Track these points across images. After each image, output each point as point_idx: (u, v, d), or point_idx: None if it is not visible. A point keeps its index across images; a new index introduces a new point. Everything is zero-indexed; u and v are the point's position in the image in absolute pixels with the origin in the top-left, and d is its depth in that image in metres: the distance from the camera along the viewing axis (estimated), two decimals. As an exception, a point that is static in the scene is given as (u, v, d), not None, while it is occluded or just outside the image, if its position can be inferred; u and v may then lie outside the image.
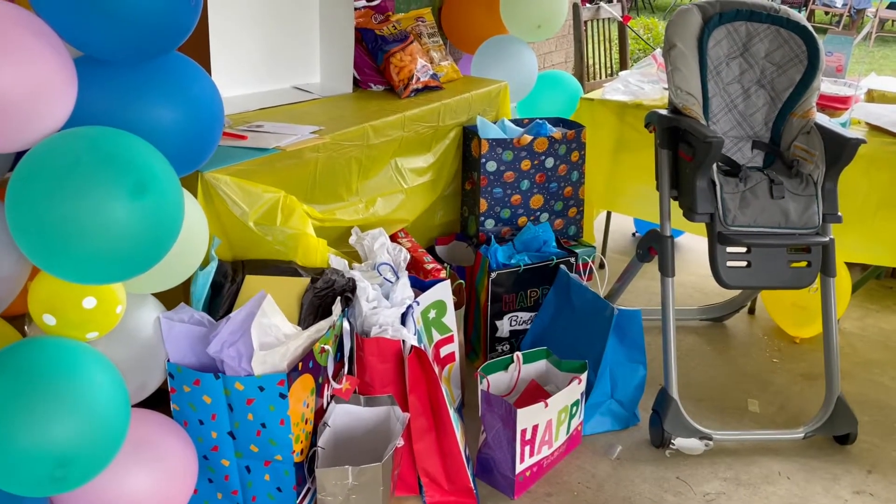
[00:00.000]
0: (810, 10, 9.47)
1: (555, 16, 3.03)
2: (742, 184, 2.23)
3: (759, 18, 2.34)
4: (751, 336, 2.82)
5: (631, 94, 3.04)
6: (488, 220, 2.64)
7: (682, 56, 2.31)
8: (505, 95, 2.86)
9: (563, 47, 4.19)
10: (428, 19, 2.83)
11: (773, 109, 2.38)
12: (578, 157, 2.72)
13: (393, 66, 2.55)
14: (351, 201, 2.25)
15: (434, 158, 2.57)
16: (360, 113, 2.38)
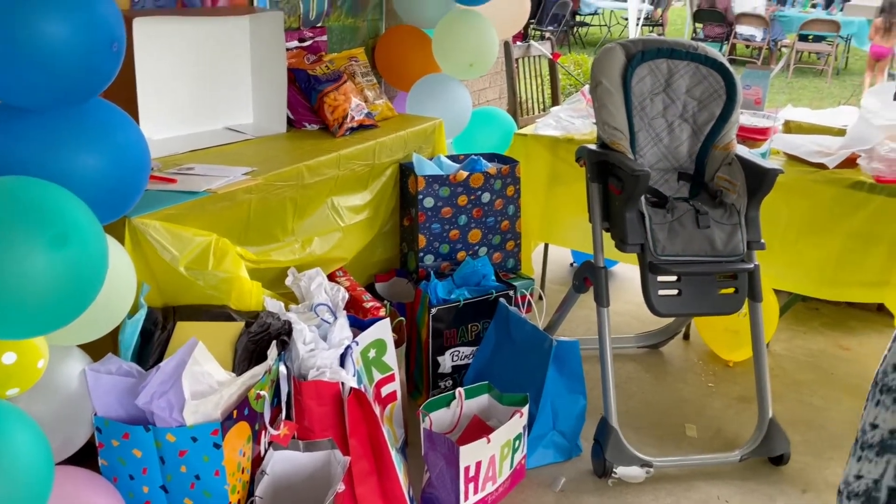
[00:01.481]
0: (731, 43, 9.92)
1: (486, 54, 3.10)
2: (669, 214, 2.30)
3: (680, 56, 2.44)
4: (686, 361, 2.89)
5: (562, 128, 3.11)
6: (427, 255, 2.65)
7: (607, 93, 2.39)
8: (440, 132, 2.90)
9: (496, 84, 4.28)
10: (361, 59, 2.86)
11: (696, 142, 2.48)
12: (514, 191, 2.77)
13: (327, 106, 2.56)
14: (286, 242, 2.23)
15: (371, 196, 2.57)
16: (294, 153, 2.37)
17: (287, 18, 2.73)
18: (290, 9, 2.75)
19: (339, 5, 3.00)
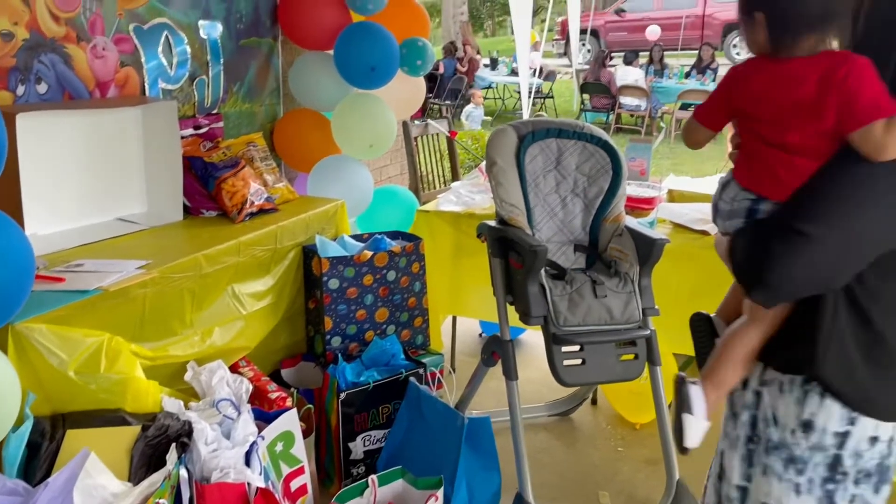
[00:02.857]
0: (617, 113, 10.53)
1: (385, 135, 3.16)
2: (569, 286, 2.37)
3: (567, 135, 2.57)
4: (596, 427, 2.94)
5: (463, 204, 3.19)
6: (335, 337, 2.62)
7: (502, 172, 2.48)
8: (343, 213, 2.91)
9: (397, 160, 4.36)
10: (259, 143, 2.86)
11: (588, 215, 2.59)
12: (419, 267, 2.80)
13: (225, 192, 2.53)
14: (185, 334, 2.16)
15: (274, 281, 2.53)
16: (191, 242, 2.32)
17: (181, 106, 2.71)
18: (184, 97, 2.74)
19: (236, 91, 3.01)
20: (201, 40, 2.78)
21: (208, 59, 2.82)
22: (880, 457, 1.22)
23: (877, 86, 1.16)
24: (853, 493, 1.22)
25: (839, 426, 1.20)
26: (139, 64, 2.56)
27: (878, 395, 1.18)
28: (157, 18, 2.60)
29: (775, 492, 1.25)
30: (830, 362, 1.17)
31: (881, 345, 1.17)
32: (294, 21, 3.08)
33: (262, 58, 3.14)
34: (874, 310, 1.17)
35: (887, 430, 1.21)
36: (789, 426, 1.23)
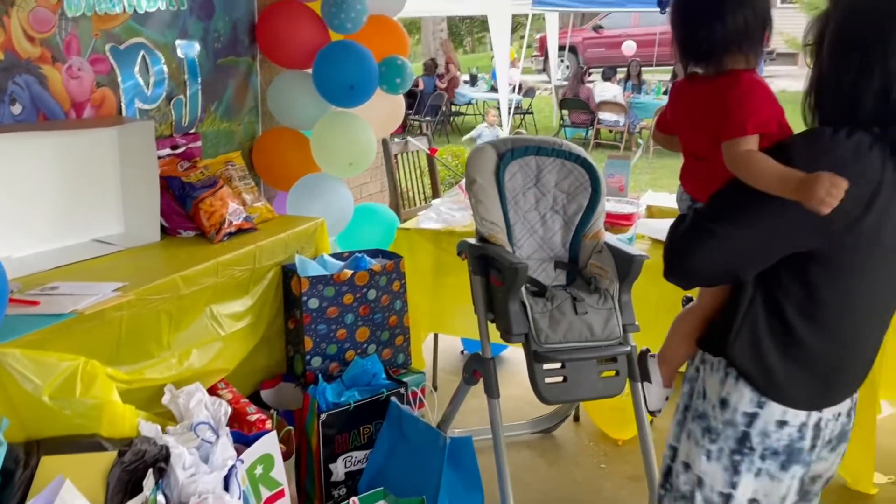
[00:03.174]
0: (596, 129, 10.63)
1: (365, 153, 3.16)
2: (549, 303, 2.38)
3: (546, 153, 2.58)
4: (578, 444, 2.94)
5: (443, 221, 3.20)
6: (315, 357, 2.60)
7: (482, 190, 2.48)
8: (322, 231, 2.90)
9: (377, 178, 4.36)
10: (238, 162, 2.84)
11: (568, 232, 2.60)
12: (400, 286, 2.79)
13: (203, 212, 2.51)
14: (162, 357, 2.13)
15: (252, 301, 2.51)
16: (168, 263, 2.30)
17: (159, 126, 2.69)
18: (161, 117, 2.72)
19: (214, 110, 3.00)
20: (178, 60, 2.77)
21: (186, 78, 2.81)
22: (789, 440, 1.33)
23: (754, 108, 1.30)
24: (759, 467, 1.35)
25: (748, 407, 1.33)
26: (115, 84, 2.54)
27: (787, 384, 1.31)
28: (133, 38, 2.58)
29: (692, 455, 1.41)
30: (740, 346, 1.31)
31: (792, 338, 1.29)
32: (272, 40, 3.08)
33: (241, 77, 3.13)
34: (787, 305, 1.28)
35: (799, 417, 1.32)
36: (712, 401, 1.38)
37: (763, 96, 1.33)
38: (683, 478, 1.43)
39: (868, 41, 1.23)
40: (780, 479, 1.36)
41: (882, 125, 1.24)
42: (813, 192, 1.15)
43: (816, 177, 1.16)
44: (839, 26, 1.27)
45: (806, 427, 1.33)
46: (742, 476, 1.36)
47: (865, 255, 1.26)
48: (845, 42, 1.25)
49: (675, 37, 1.43)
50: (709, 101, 1.36)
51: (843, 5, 1.28)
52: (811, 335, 1.29)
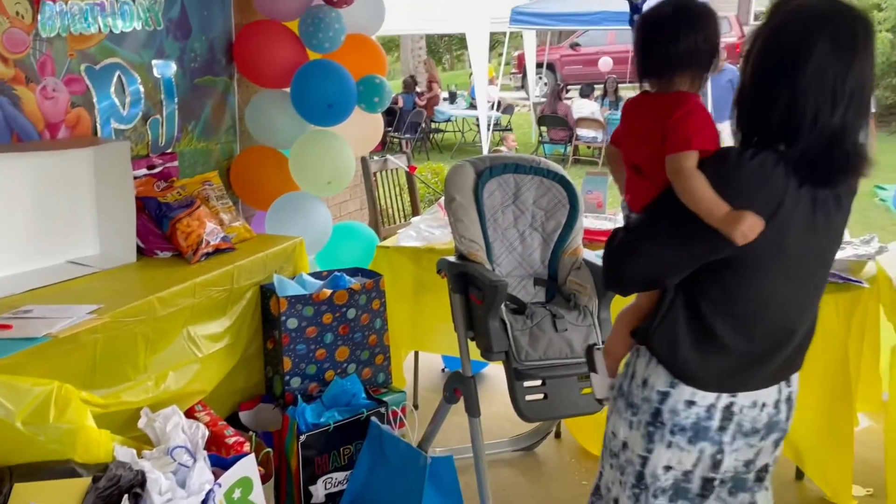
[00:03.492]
0: (574, 145, 10.70)
1: (344, 172, 3.16)
2: (529, 320, 2.39)
3: (524, 171, 2.60)
4: (559, 461, 2.93)
5: (423, 239, 3.20)
6: (294, 378, 2.58)
7: (461, 208, 2.49)
8: (301, 250, 2.88)
9: (357, 196, 4.35)
10: (215, 182, 2.83)
11: (546, 249, 2.62)
12: (379, 304, 2.78)
13: (180, 233, 2.49)
14: (139, 380, 2.10)
15: (230, 322, 2.49)
16: (144, 284, 2.27)
17: (135, 146, 2.67)
18: (137, 137, 2.70)
19: (191, 130, 2.98)
20: (155, 79, 2.76)
21: (162, 98, 2.80)
22: (697, 418, 1.50)
23: (696, 126, 1.42)
24: (669, 440, 1.52)
25: (663, 387, 1.51)
26: (91, 104, 2.52)
27: (697, 370, 1.48)
28: (109, 58, 2.57)
29: (618, 425, 1.61)
30: (659, 337, 1.50)
31: (706, 332, 1.46)
32: (250, 59, 3.07)
33: (218, 96, 3.12)
34: (703, 304, 1.45)
35: (707, 399, 1.49)
36: (637, 380, 1.56)
37: (706, 117, 1.46)
38: (613, 442, 1.63)
39: (783, 61, 1.35)
40: (688, 451, 1.52)
41: (787, 143, 1.36)
42: (736, 228, 1.33)
43: (741, 215, 1.33)
44: (763, 44, 1.39)
45: (714, 409, 1.49)
46: (656, 444, 1.53)
47: (771, 260, 1.41)
48: (765, 59, 1.38)
49: (635, 54, 1.57)
50: (656, 116, 1.47)
51: (770, 23, 1.39)
52: (723, 329, 1.45)
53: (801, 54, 1.32)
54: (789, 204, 1.35)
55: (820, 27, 1.32)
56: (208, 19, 3.01)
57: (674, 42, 1.47)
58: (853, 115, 1.35)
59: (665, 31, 1.49)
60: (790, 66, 1.33)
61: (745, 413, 1.50)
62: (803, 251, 1.42)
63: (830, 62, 1.32)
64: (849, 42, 1.33)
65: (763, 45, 1.39)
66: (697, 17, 1.48)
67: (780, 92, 1.35)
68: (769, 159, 1.35)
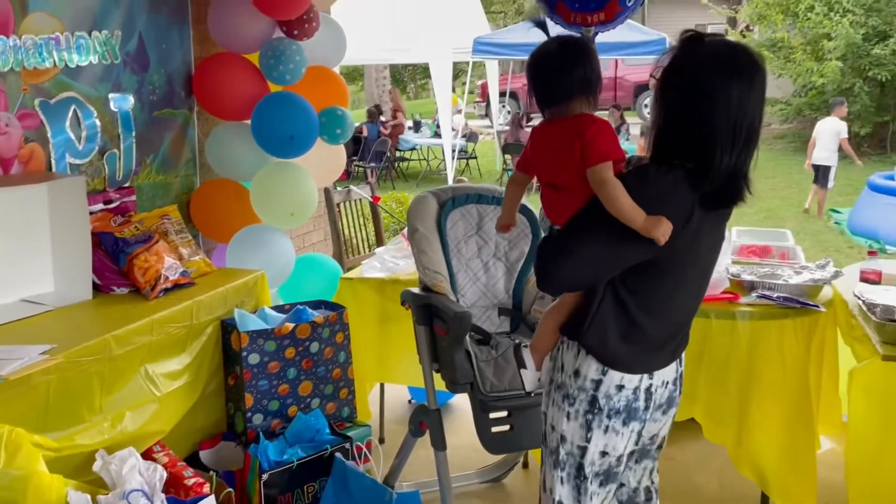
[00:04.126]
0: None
1: (306, 203, 3.14)
2: (494, 351, 2.38)
3: (487, 201, 2.62)
4: (527, 492, 2.91)
5: (388, 270, 3.18)
6: (256, 414, 2.53)
7: (424, 239, 2.49)
8: (263, 284, 2.84)
9: (320, 226, 4.33)
10: (174, 216, 2.79)
11: (510, 279, 2.62)
12: (343, 337, 2.75)
13: (137, 268, 2.44)
14: (94, 421, 2.04)
15: (190, 359, 2.44)
16: (100, 322, 2.22)
17: (91, 181, 2.63)
18: (93, 171, 2.66)
19: (149, 163, 2.94)
20: (112, 113, 2.72)
21: (119, 131, 2.76)
22: (627, 400, 1.68)
23: (609, 141, 1.61)
24: (606, 424, 1.68)
25: (595, 375, 1.67)
26: (45, 139, 2.48)
27: (623, 357, 1.66)
28: (64, 93, 2.53)
29: (556, 417, 1.74)
30: (591, 333, 1.65)
31: (632, 324, 1.64)
32: (210, 92, 3.06)
33: (177, 129, 3.09)
34: (630, 301, 1.63)
35: (633, 381, 1.67)
36: (568, 372, 1.71)
37: (612, 132, 1.65)
38: (552, 436, 1.76)
39: (695, 99, 1.54)
40: (622, 434, 1.70)
41: (694, 163, 1.56)
42: (657, 230, 1.53)
43: (658, 220, 1.53)
44: (676, 81, 1.57)
45: (639, 390, 1.68)
46: (594, 432, 1.69)
47: (685, 259, 1.63)
48: (679, 96, 1.56)
49: (532, 88, 1.73)
50: (568, 137, 1.62)
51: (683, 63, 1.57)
52: (644, 320, 1.65)
53: (712, 95, 1.52)
54: (698, 214, 1.57)
55: (728, 70, 1.53)
56: (167, 52, 2.99)
57: (568, 72, 1.66)
58: (748, 146, 1.57)
59: (558, 64, 1.68)
60: (701, 103, 1.53)
61: (658, 392, 1.72)
62: (704, 255, 1.68)
63: (734, 102, 1.52)
64: (749, 84, 1.54)
65: (676, 82, 1.57)
66: (582, 49, 1.71)
67: (692, 124, 1.55)
68: (679, 174, 1.56)
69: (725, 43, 1.58)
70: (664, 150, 1.60)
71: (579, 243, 1.61)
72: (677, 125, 1.58)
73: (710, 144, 1.54)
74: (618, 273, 1.62)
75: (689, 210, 1.56)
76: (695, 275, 1.70)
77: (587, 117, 1.65)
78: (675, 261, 1.61)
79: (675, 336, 1.74)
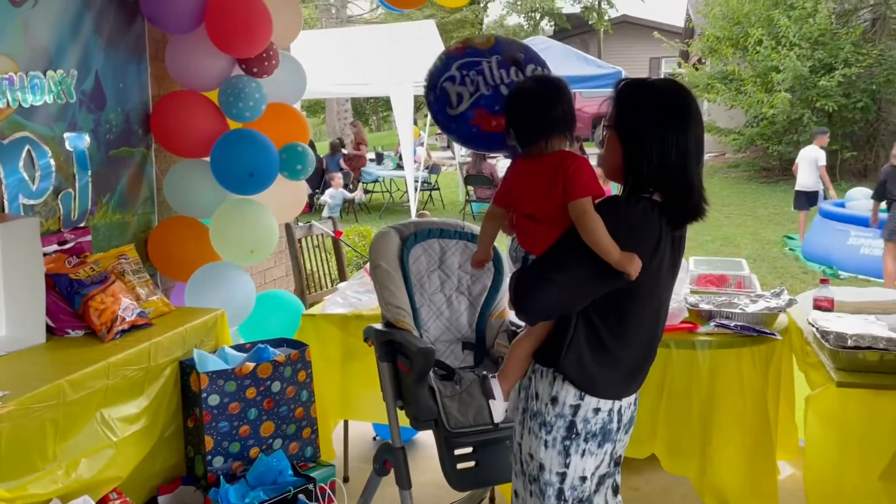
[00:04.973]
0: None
1: (267, 240, 3.12)
2: (458, 386, 2.37)
3: (449, 235, 2.63)
4: (495, 527, 2.89)
5: (350, 305, 3.16)
6: (217, 457, 2.47)
7: (387, 274, 2.49)
8: (223, 323, 2.80)
9: (282, 262, 4.29)
10: (131, 255, 2.74)
11: (473, 313, 2.63)
12: (306, 376, 2.72)
13: (93, 310, 2.39)
14: (48, 469, 1.98)
15: (148, 402, 2.38)
16: (54, 367, 2.16)
17: (45, 222, 2.58)
18: (48, 211, 2.61)
19: (106, 202, 2.90)
20: (67, 152, 2.68)
21: (75, 171, 2.72)
22: (602, 423, 1.74)
23: (589, 176, 1.68)
24: (584, 448, 1.74)
25: (573, 401, 1.72)
26: (-3, 180, 2.43)
27: (599, 382, 1.72)
28: (18, 133, 2.49)
29: (534, 446, 1.77)
30: (568, 360, 1.71)
31: (605, 350, 1.71)
32: (168, 130, 3.03)
33: (135, 167, 3.05)
34: (602, 327, 1.70)
35: (607, 405, 1.74)
36: (544, 400, 1.75)
37: (591, 167, 1.71)
38: (531, 465, 1.79)
39: (650, 134, 1.64)
40: (597, 455, 1.77)
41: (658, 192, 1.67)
42: (628, 265, 1.62)
43: (631, 256, 1.62)
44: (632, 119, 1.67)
45: (612, 412, 1.75)
46: (572, 458, 1.74)
47: (653, 287, 1.71)
48: (637, 132, 1.66)
49: (511, 125, 1.82)
50: (550, 173, 1.69)
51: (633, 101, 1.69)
52: (615, 345, 1.71)
53: (668, 128, 1.65)
54: (664, 241, 1.68)
55: (678, 107, 1.67)
56: (124, 91, 2.97)
57: (548, 111, 1.75)
58: (699, 170, 1.70)
59: (538, 102, 1.76)
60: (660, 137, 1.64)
61: (625, 413, 1.80)
62: (667, 279, 1.76)
63: (687, 133, 1.66)
64: (697, 115, 1.69)
65: (632, 120, 1.68)
66: (559, 88, 1.78)
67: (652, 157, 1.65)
68: (647, 205, 1.67)
69: (661, 83, 1.72)
70: (633, 186, 1.69)
71: (559, 270, 1.66)
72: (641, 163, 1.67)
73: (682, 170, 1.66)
74: (592, 299, 1.68)
75: (658, 236, 1.66)
76: (661, 296, 1.77)
77: (568, 154, 1.73)
78: (645, 285, 1.69)
79: (647, 360, 1.81)
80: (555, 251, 1.70)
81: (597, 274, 1.64)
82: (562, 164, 1.69)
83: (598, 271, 1.64)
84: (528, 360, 1.82)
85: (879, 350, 2.31)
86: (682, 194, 1.68)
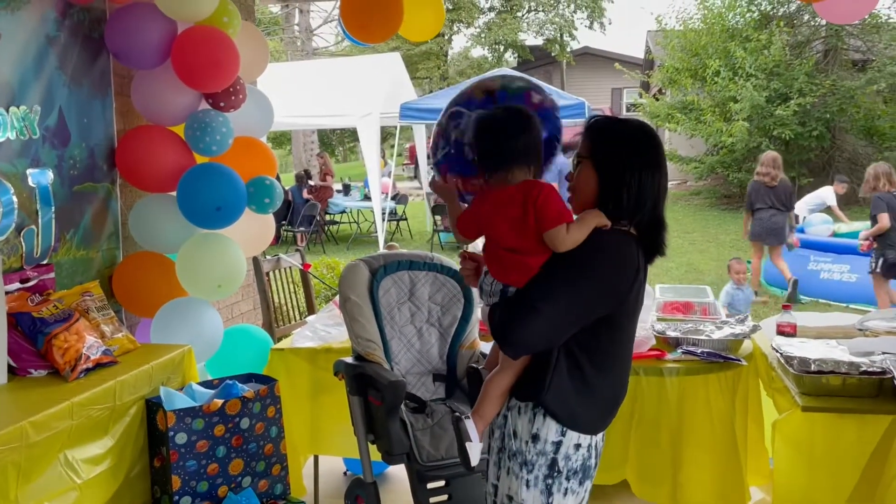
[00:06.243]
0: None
1: (234, 274, 3.09)
2: (430, 419, 2.37)
3: (419, 267, 2.64)
4: (469, 561, 2.85)
5: (319, 339, 3.13)
6: (184, 497, 2.42)
7: (357, 307, 2.48)
8: (190, 359, 2.76)
9: (249, 295, 4.25)
10: (96, 292, 2.70)
11: (444, 344, 2.63)
12: (275, 411, 2.68)
13: (56, 349, 2.34)
14: (8, 516, 1.92)
15: (113, 441, 2.33)
16: (15, 408, 2.10)
17: (7, 259, 2.52)
18: (9, 249, 2.55)
19: (69, 238, 2.85)
20: (30, 189, 2.64)
21: (38, 207, 2.67)
22: (583, 459, 1.72)
23: (559, 203, 1.68)
24: (566, 487, 1.71)
25: (555, 437, 1.69)
26: (-43, 217, 2.38)
27: (581, 417, 1.70)
28: (-22, 169, 2.45)
29: (514, 487, 1.72)
30: (551, 394, 1.67)
31: (586, 384, 1.69)
32: (133, 164, 3.00)
33: (99, 202, 3.01)
34: (583, 359, 1.68)
35: (587, 440, 1.72)
36: (523, 438, 1.70)
37: (558, 194, 1.71)
38: None
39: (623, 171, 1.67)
40: (578, 494, 1.73)
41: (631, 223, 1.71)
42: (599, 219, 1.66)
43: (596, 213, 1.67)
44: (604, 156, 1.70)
45: (591, 448, 1.74)
46: (554, 497, 1.70)
47: (631, 316, 1.74)
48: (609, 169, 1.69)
49: (477, 155, 1.80)
50: (520, 207, 1.68)
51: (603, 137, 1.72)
52: (598, 378, 1.70)
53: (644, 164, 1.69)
54: (641, 271, 1.70)
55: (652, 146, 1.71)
56: (88, 126, 2.94)
57: (513, 140, 1.74)
58: (663, 205, 1.74)
59: (501, 135, 1.74)
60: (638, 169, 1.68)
61: (600, 448, 1.79)
62: (639, 310, 1.77)
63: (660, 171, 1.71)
64: (665, 160, 1.74)
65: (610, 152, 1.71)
66: (527, 118, 1.77)
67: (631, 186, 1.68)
68: (626, 236, 1.70)
69: (634, 122, 1.75)
70: (612, 216, 1.70)
71: (547, 301, 1.63)
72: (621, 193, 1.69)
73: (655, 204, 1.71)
74: (576, 330, 1.67)
75: (637, 263, 1.69)
76: (634, 325, 1.80)
77: (534, 183, 1.72)
78: (626, 313, 1.71)
79: (622, 392, 1.80)
80: (540, 280, 1.67)
81: (584, 300, 1.64)
82: (529, 196, 1.68)
83: (586, 297, 1.64)
84: (504, 396, 1.76)
85: (842, 374, 2.36)
86: (656, 228, 1.72)
